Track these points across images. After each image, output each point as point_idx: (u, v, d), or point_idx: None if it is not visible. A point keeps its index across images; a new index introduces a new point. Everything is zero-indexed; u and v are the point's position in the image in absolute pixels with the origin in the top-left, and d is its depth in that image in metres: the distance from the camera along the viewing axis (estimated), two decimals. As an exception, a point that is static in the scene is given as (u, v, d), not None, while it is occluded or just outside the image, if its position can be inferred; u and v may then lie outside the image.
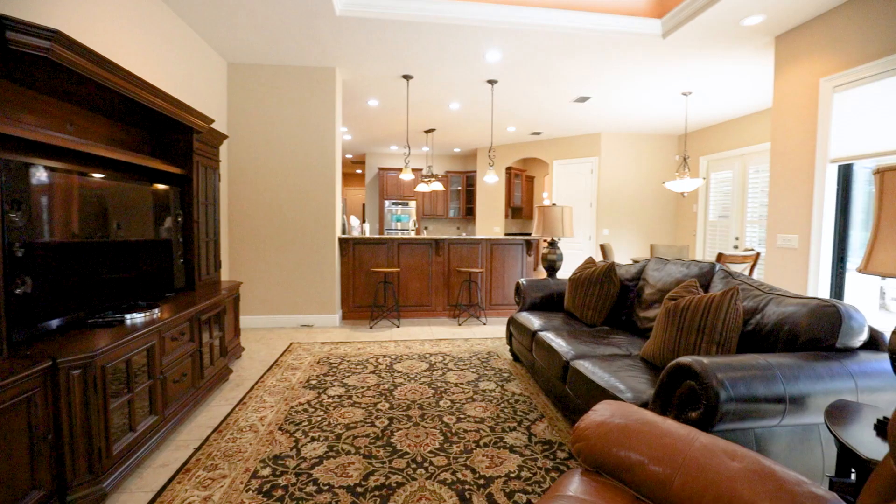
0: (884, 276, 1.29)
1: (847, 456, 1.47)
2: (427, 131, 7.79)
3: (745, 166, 6.02)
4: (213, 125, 3.89)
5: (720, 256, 4.32)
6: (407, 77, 4.95)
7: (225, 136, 3.70)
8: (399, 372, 3.48)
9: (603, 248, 5.84)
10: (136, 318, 2.27)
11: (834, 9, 3.05)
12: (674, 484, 1.21)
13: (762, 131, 5.72)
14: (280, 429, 2.52)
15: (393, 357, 3.86)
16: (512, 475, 2.11)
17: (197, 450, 2.26)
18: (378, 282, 5.27)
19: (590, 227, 7.50)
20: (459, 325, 5.12)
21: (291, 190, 4.80)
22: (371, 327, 4.94)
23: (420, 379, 3.33)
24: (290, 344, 4.20)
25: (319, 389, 3.11)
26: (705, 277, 2.57)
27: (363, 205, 11.00)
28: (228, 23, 3.65)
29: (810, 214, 3.22)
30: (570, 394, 2.45)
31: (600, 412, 1.48)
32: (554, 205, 4.08)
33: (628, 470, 1.29)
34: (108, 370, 1.82)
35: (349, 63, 4.59)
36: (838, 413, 1.55)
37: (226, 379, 3.21)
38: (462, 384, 3.24)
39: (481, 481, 2.05)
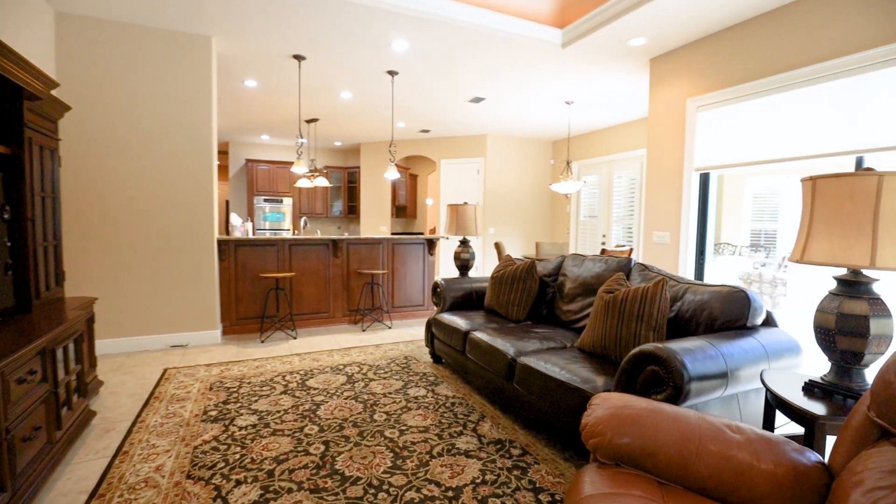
0: (816, 265, 1.54)
1: (778, 413, 1.74)
2: (309, 121, 7.20)
3: (611, 172, 6.93)
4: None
5: (603, 251, 4.88)
6: (299, 58, 4.45)
7: (68, 108, 2.84)
8: (315, 388, 3.11)
9: (497, 246, 6.12)
10: (-46, 357, 1.57)
11: (697, 40, 3.67)
12: (696, 463, 1.26)
13: (626, 141, 6.64)
14: (190, 477, 2.01)
15: (302, 373, 3.44)
16: (478, 481, 2.03)
17: (75, 529, 1.66)
18: (269, 289, 4.66)
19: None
20: (363, 330, 4.83)
21: (155, 181, 3.93)
22: (263, 341, 4.35)
23: (343, 394, 3.02)
24: (165, 370, 3.44)
25: (225, 421, 2.59)
26: (624, 271, 2.84)
27: (227, 201, 9.68)
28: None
29: (679, 215, 3.81)
30: (519, 391, 2.46)
31: (603, 406, 1.48)
32: (466, 203, 4.10)
33: (650, 456, 1.31)
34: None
35: (230, 34, 3.94)
36: (770, 382, 1.83)
37: (88, 424, 2.45)
38: (391, 394, 3.04)
39: (450, 493, 1.93)
